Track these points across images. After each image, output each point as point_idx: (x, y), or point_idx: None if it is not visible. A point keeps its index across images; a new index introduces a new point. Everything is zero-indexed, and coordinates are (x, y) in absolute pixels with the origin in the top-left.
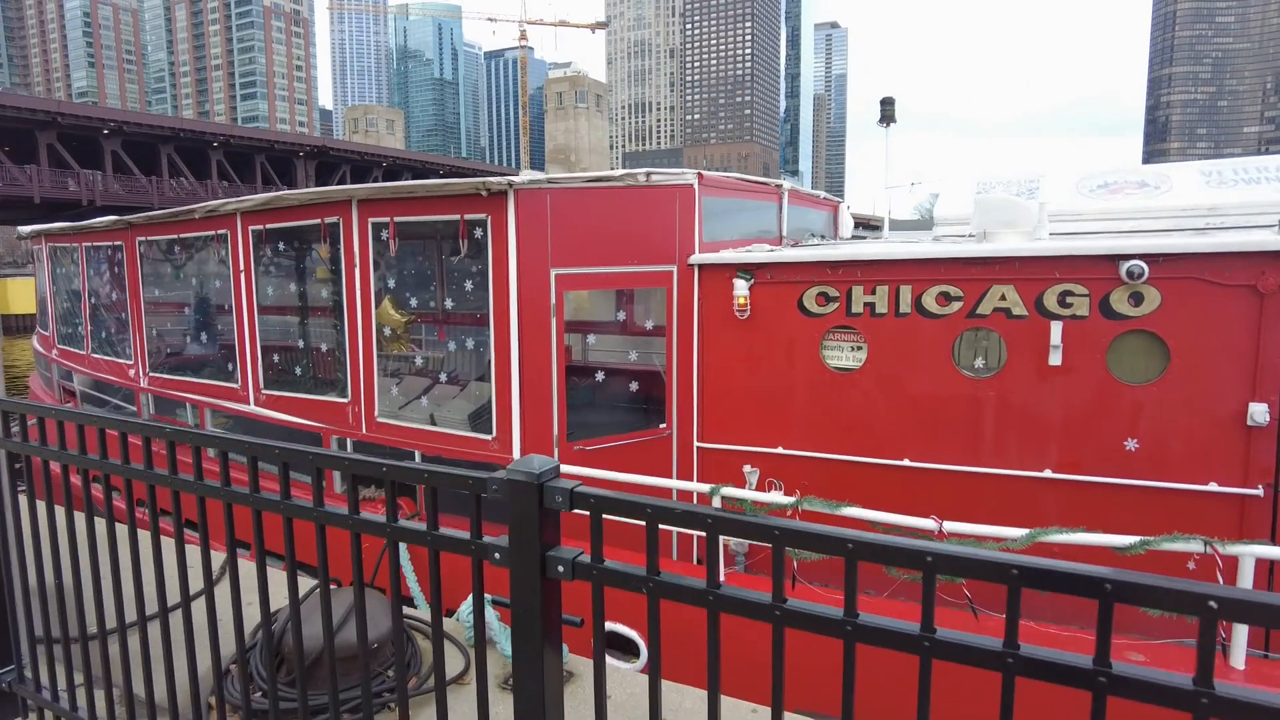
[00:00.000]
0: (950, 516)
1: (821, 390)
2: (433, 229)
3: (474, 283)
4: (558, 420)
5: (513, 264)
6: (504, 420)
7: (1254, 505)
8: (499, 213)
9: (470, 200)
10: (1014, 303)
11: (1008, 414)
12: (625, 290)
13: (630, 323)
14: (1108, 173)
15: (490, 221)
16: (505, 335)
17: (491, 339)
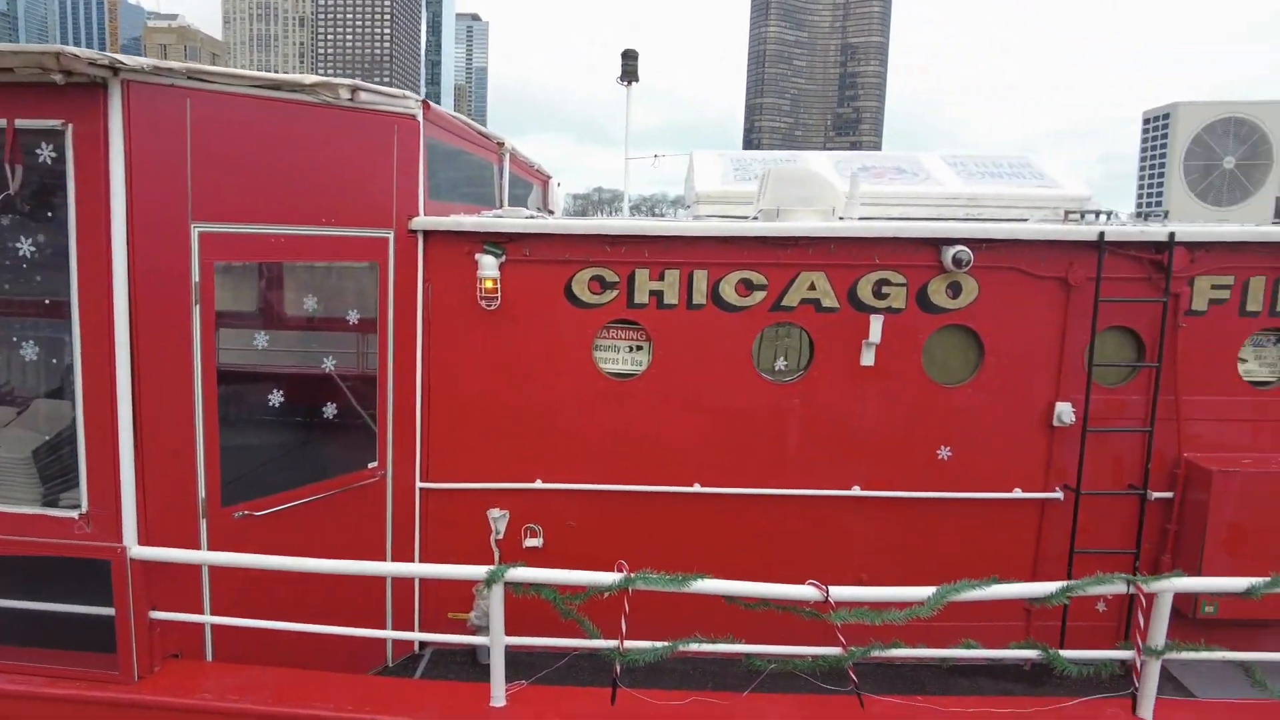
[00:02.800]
0: (749, 547)
1: (594, 403)
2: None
3: (37, 244)
4: (205, 474)
5: (119, 212)
6: (102, 479)
7: (1053, 509)
8: (91, 120)
9: (28, 94)
10: (824, 292)
11: (814, 425)
12: (315, 265)
13: (315, 314)
14: (863, 156)
15: (73, 136)
16: (102, 334)
17: (75, 341)
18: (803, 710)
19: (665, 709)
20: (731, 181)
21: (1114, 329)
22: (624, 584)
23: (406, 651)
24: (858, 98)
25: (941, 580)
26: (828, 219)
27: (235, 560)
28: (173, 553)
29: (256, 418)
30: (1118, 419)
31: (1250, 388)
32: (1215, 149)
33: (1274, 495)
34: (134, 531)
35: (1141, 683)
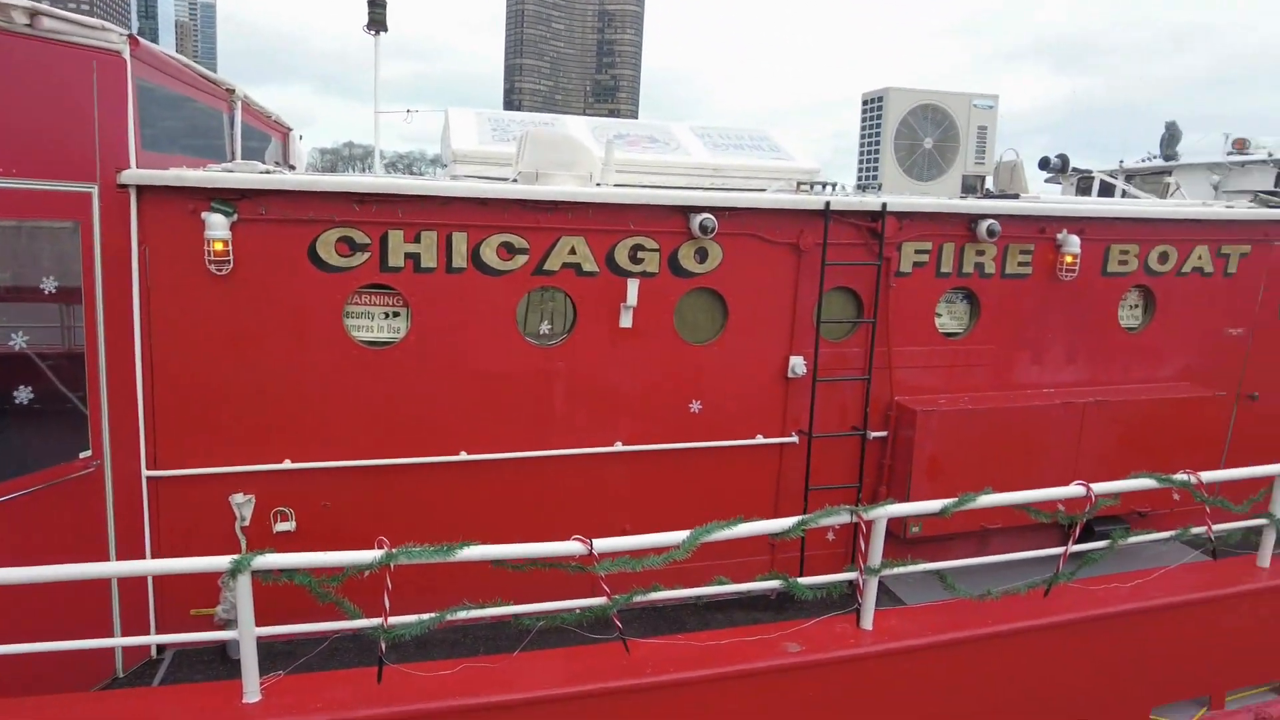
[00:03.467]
0: (520, 511)
1: (347, 374)
2: None
3: None
4: None
5: None
6: None
7: (790, 451)
8: None
9: None
10: (585, 257)
11: (578, 386)
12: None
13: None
14: (618, 124)
15: None
16: None
17: None
18: (571, 662)
19: (434, 680)
20: (490, 142)
21: (838, 289)
22: (385, 560)
23: (142, 657)
24: (615, 65)
25: (699, 523)
26: (585, 184)
27: None
28: None
29: None
30: (842, 369)
31: (944, 338)
32: (917, 131)
33: (964, 429)
34: None
35: (864, 598)
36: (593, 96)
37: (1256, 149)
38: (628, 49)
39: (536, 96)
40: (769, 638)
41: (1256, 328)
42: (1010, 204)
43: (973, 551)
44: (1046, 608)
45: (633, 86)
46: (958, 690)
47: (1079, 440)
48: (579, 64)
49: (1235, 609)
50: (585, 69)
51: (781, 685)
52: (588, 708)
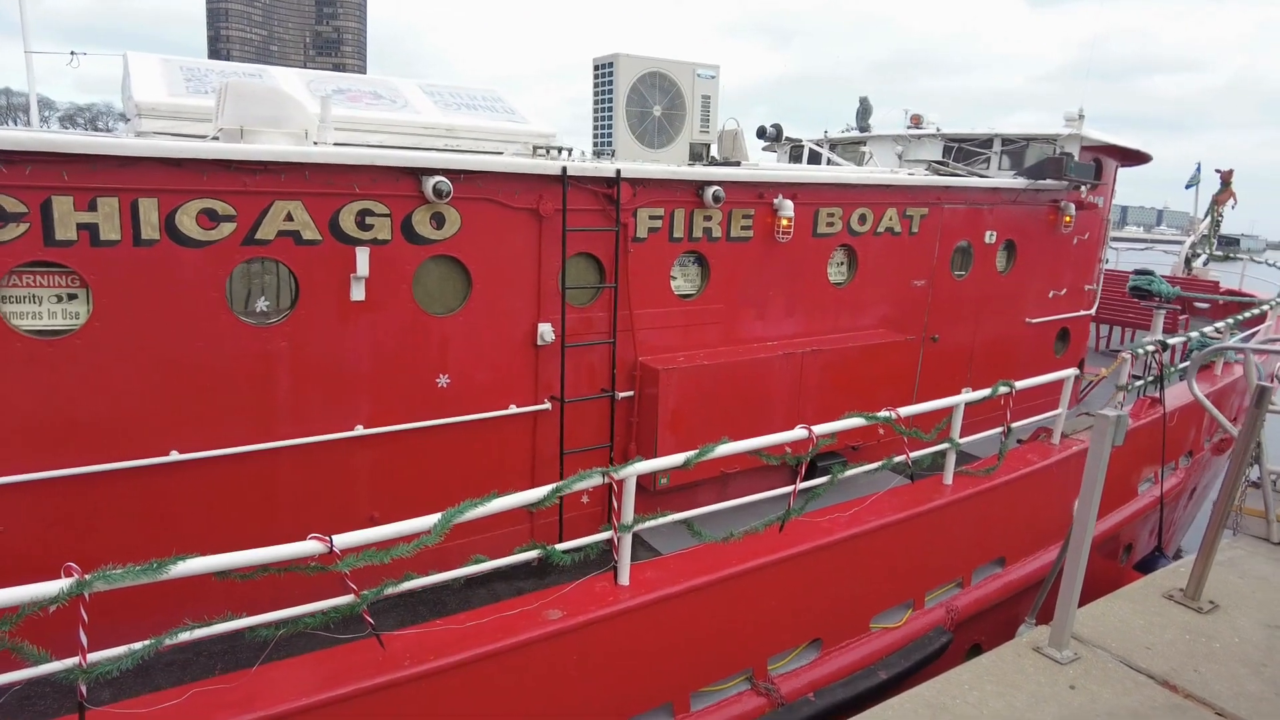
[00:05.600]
0: (246, 512)
1: (14, 370)
2: None
3: None
4: None
5: None
6: None
7: (543, 418)
8: None
9: None
10: (304, 224)
11: (306, 368)
12: None
13: None
14: (337, 78)
15: None
16: None
17: None
18: (320, 667)
19: (153, 714)
20: (183, 94)
21: (580, 255)
22: (78, 588)
23: None
24: (337, 16)
25: (455, 501)
26: (300, 143)
27: None
28: None
29: None
30: (588, 334)
31: (679, 299)
32: (647, 98)
33: (701, 384)
34: None
35: (619, 555)
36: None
37: (928, 124)
38: None
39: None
40: (530, 608)
41: (934, 279)
42: (733, 171)
43: (716, 496)
44: (782, 542)
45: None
46: (715, 627)
47: (799, 386)
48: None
49: (930, 522)
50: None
51: (547, 652)
52: (346, 712)
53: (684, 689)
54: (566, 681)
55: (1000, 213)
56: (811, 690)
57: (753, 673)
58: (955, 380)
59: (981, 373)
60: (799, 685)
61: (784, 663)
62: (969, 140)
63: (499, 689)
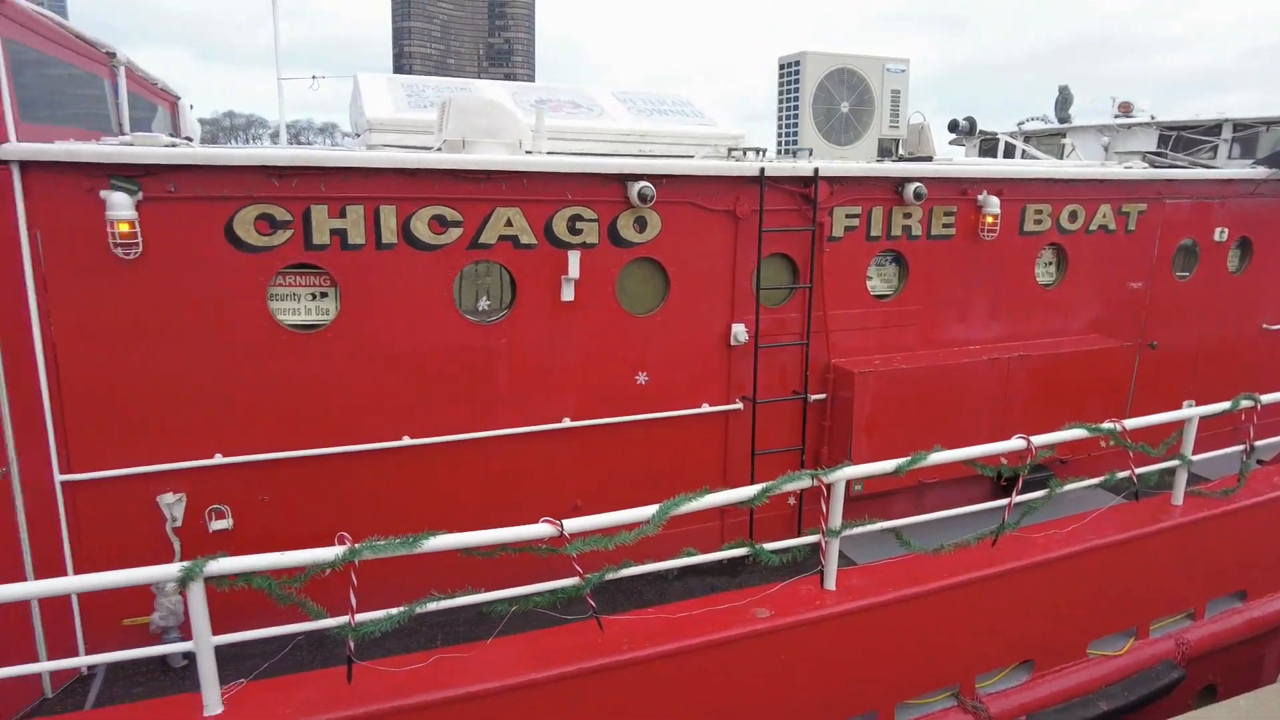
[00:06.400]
0: (466, 493)
1: (276, 361)
2: None
3: None
4: None
5: None
6: None
7: (734, 418)
8: None
9: None
10: (522, 229)
11: (522, 363)
12: None
13: None
14: (538, 89)
15: None
16: None
17: None
18: (545, 645)
19: (407, 675)
20: (406, 109)
21: (775, 255)
22: (349, 556)
23: (72, 675)
24: (508, 28)
25: (650, 496)
26: (515, 152)
27: None
28: None
29: None
30: (782, 335)
31: (875, 300)
32: (834, 95)
33: (899, 388)
34: None
35: (826, 560)
36: (486, 61)
37: (1138, 112)
38: (520, 10)
39: (428, 61)
40: (738, 605)
41: (1153, 280)
42: (935, 167)
43: (911, 505)
44: (995, 557)
45: (527, 50)
46: (922, 639)
47: (1005, 394)
48: (470, 27)
49: (1156, 545)
50: (477, 32)
51: (754, 650)
52: (566, 689)
53: (888, 700)
54: (772, 681)
55: (1233, 207)
56: (1023, 713)
57: (959, 689)
58: (1175, 391)
59: (1208, 383)
60: (1009, 707)
61: (992, 682)
62: (1191, 127)
63: (707, 682)
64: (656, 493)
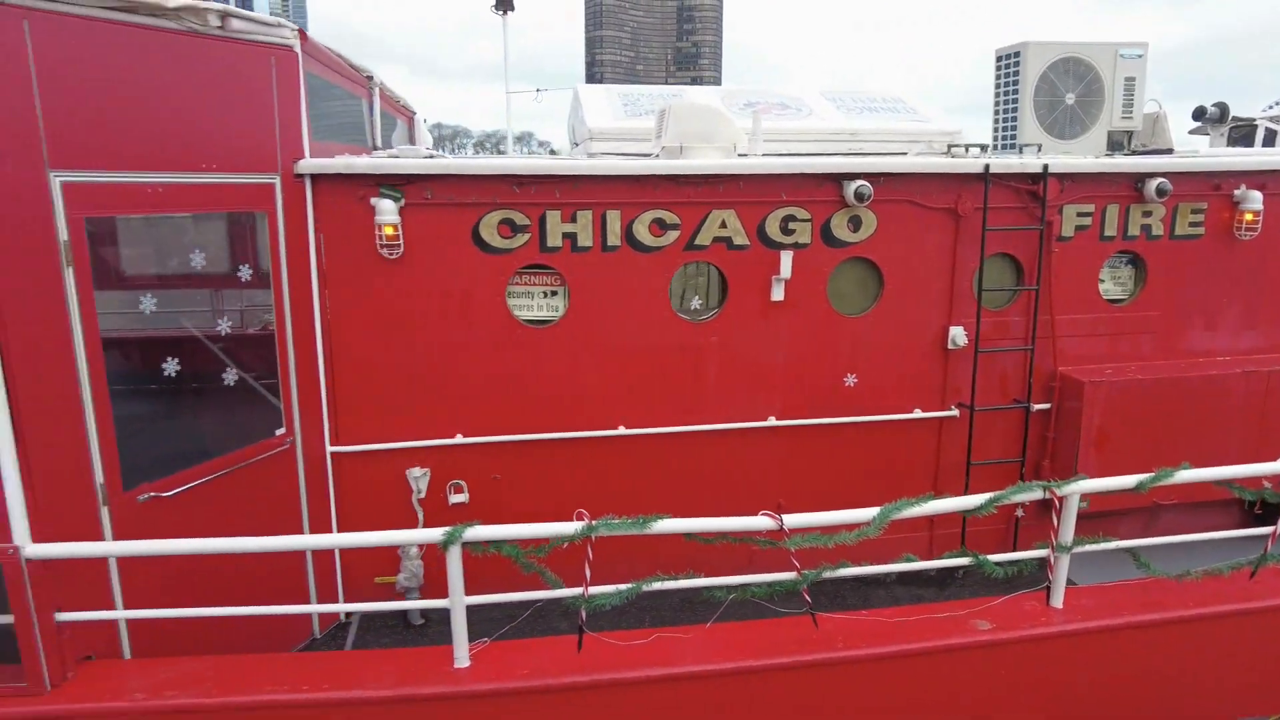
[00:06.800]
0: (673, 483)
1: (511, 352)
2: None
3: None
4: (101, 456)
5: None
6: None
7: (949, 425)
8: None
9: None
10: (735, 230)
11: (731, 360)
12: (201, 216)
13: (205, 271)
14: (745, 92)
15: None
16: None
17: None
18: (762, 634)
19: (631, 649)
20: (624, 118)
21: (998, 255)
22: (586, 531)
23: (333, 621)
24: (695, 31)
25: (853, 500)
26: (729, 155)
27: (140, 549)
28: (73, 547)
29: (151, 389)
30: (1003, 339)
31: (1108, 305)
32: (1059, 86)
33: (1135, 401)
34: (24, 528)
35: (1055, 576)
36: (674, 65)
37: None
38: (708, 13)
39: (617, 68)
40: (957, 615)
41: None
42: (1182, 160)
43: (1139, 528)
44: (1254, 591)
45: (715, 53)
46: (1153, 674)
47: (1263, 411)
48: (659, 32)
49: None
50: (665, 37)
51: (972, 663)
52: (781, 680)
53: None
54: (988, 697)
55: None
56: None
57: None
58: None
59: None
60: None
61: None
62: None
63: (919, 690)
64: (862, 498)
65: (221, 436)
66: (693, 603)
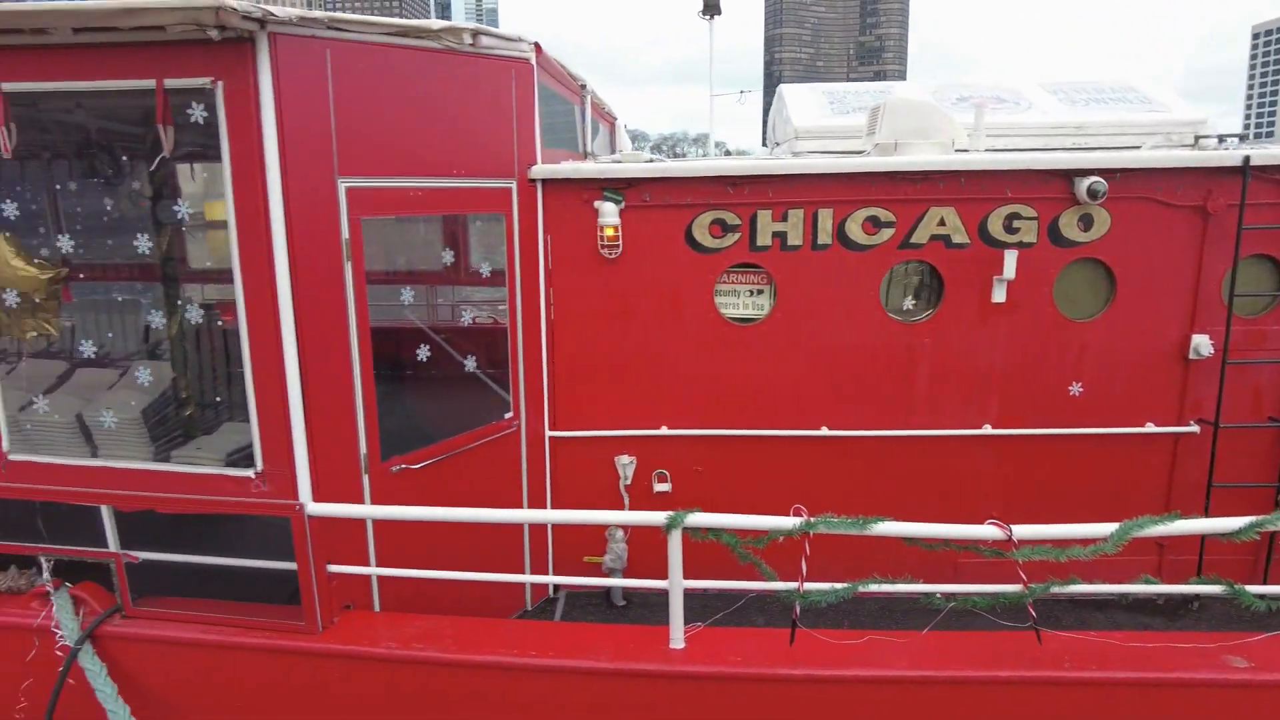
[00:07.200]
0: (878, 489)
1: (717, 349)
2: (99, 107)
3: (193, 206)
4: (365, 430)
5: (273, 171)
6: (275, 438)
7: (1188, 442)
8: (241, 74)
9: (180, 53)
10: (954, 228)
11: (944, 364)
12: (452, 218)
13: (453, 268)
14: (957, 87)
15: (224, 93)
16: (265, 297)
17: (239, 304)
18: (979, 645)
19: (843, 648)
20: (830, 116)
21: (1255, 257)
22: (805, 527)
23: (542, 595)
24: (879, 24)
25: (1074, 517)
26: (947, 151)
27: (401, 514)
28: (345, 508)
29: (405, 373)
30: (1257, 350)
31: None
32: None
33: None
34: (308, 489)
35: None
36: (856, 60)
37: None
38: (894, 5)
39: (796, 65)
40: (1205, 647)
41: None
42: None
43: None
44: None
45: (900, 46)
46: None
47: None
48: (841, 27)
49: None
50: (848, 32)
51: (1223, 703)
52: (1002, 695)
53: None
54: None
55: None
56: None
57: None
58: None
59: None
60: None
61: None
62: None
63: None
64: (1083, 514)
65: (461, 418)
66: (891, 610)
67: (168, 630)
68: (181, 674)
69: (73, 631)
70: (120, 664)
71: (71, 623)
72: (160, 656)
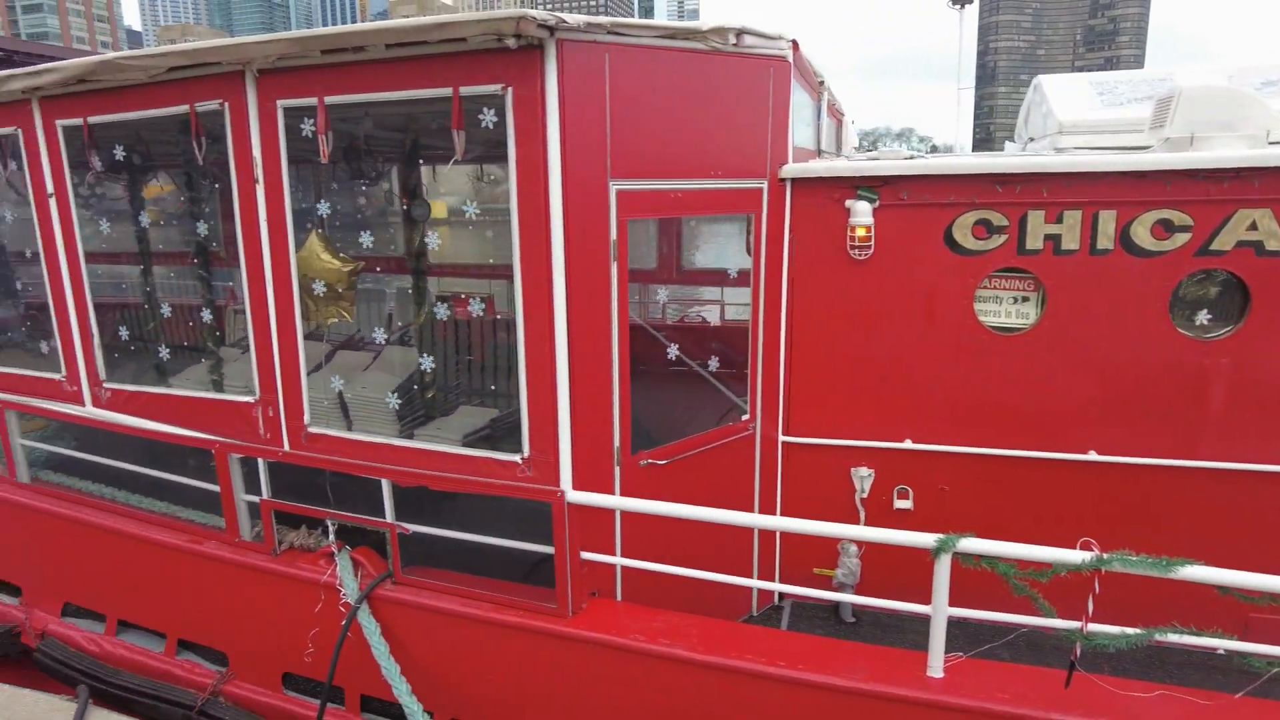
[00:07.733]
0: (1154, 524)
1: (973, 360)
2: (400, 116)
3: (480, 206)
4: (619, 424)
5: (555, 175)
6: (542, 428)
7: None
8: (529, 81)
9: (474, 62)
10: (1269, 233)
11: (1246, 389)
12: (702, 219)
13: (701, 268)
14: (1259, 69)
15: (512, 98)
16: (541, 294)
17: (518, 299)
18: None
19: (1128, 700)
20: (1099, 108)
21: None
22: (1096, 564)
23: (767, 602)
24: (1114, 5)
25: None
26: (1259, 145)
27: (652, 508)
28: (602, 498)
29: (654, 370)
30: None
31: None
32: None
33: None
34: (569, 476)
35: None
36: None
37: None
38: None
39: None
40: None
41: None
42: None
43: None
44: None
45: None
46: None
47: None
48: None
49: None
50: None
51: None
52: None
53: None
54: None
55: None
56: None
57: None
58: None
59: None
60: None
61: None
62: None
63: None
64: None
65: (704, 416)
66: (1164, 662)
67: (433, 600)
68: (440, 641)
69: (353, 591)
70: (390, 626)
71: (352, 582)
72: (424, 623)
